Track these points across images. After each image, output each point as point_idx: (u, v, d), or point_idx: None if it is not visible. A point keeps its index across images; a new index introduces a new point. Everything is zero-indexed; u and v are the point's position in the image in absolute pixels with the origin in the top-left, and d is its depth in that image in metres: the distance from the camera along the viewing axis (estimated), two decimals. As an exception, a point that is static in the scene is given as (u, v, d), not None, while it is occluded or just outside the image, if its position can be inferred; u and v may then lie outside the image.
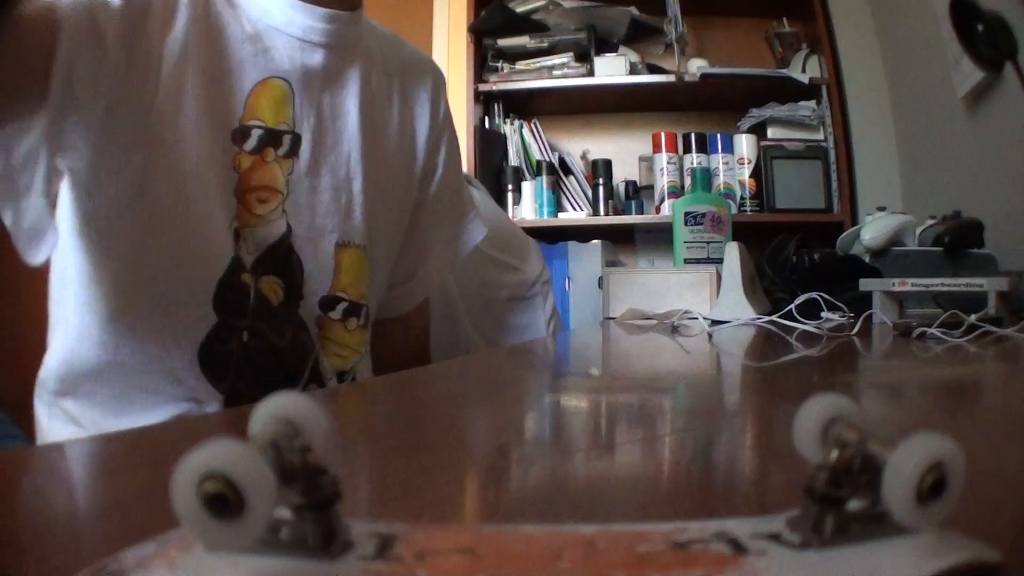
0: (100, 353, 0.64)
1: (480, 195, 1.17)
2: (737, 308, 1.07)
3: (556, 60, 2.41)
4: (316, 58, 0.70)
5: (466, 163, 2.40)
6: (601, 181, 2.41)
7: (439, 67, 0.88)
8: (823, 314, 0.86)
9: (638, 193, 2.47)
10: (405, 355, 0.88)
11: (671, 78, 2.32)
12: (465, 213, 0.88)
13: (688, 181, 2.35)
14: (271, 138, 0.67)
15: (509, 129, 2.47)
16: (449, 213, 0.86)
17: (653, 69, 2.41)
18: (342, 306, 0.72)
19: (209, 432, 0.30)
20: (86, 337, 0.64)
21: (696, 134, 2.37)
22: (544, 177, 2.40)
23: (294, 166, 0.68)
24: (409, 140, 0.81)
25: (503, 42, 2.43)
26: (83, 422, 0.66)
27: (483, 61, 2.46)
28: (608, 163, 2.43)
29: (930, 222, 1.35)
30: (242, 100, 0.65)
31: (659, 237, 2.38)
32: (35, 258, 0.57)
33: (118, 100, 0.59)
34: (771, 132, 2.38)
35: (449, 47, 2.56)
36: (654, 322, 1.06)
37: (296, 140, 0.69)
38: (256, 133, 0.66)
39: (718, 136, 2.38)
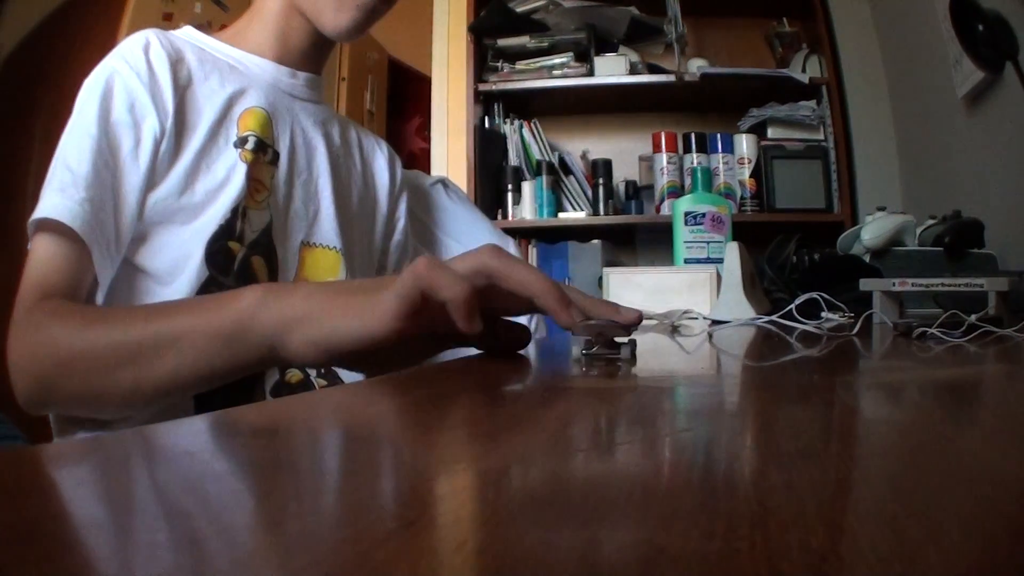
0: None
1: (453, 195, 1.19)
2: (737, 308, 1.06)
3: (556, 60, 2.41)
4: (284, 100, 0.88)
5: (466, 163, 2.40)
6: (601, 181, 2.41)
7: (391, 146, 1.07)
8: (823, 314, 0.86)
9: (638, 193, 2.47)
10: None
11: (671, 78, 2.32)
12: None
13: (688, 181, 2.35)
14: (262, 146, 0.84)
15: (509, 129, 2.47)
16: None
17: (653, 69, 2.41)
18: None
19: (206, 432, 0.30)
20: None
21: (696, 134, 2.37)
22: (544, 177, 2.39)
23: (275, 173, 0.86)
24: (372, 190, 1.00)
25: (503, 42, 2.43)
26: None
27: (483, 61, 2.46)
28: (608, 163, 2.43)
29: (930, 222, 1.35)
30: (235, 121, 0.83)
31: (659, 237, 2.38)
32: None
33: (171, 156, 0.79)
34: (771, 132, 2.38)
35: (449, 47, 2.56)
36: (654, 322, 1.06)
37: (276, 155, 0.86)
38: (252, 139, 0.83)
39: (718, 136, 2.38)
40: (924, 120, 2.09)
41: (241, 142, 0.82)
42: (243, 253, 0.80)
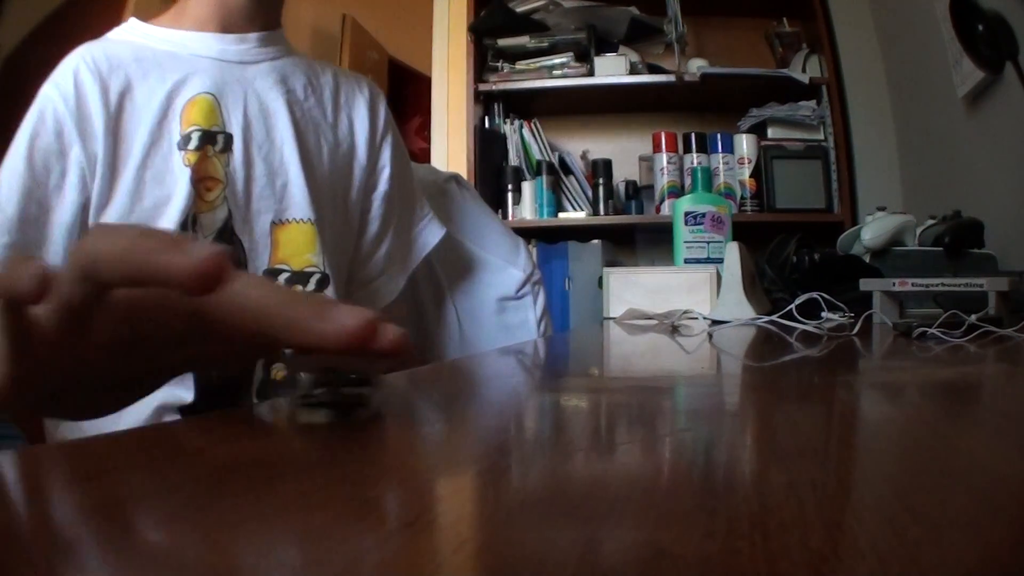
0: None
1: (466, 194, 1.17)
2: (737, 308, 1.07)
3: (556, 60, 2.40)
4: (234, 72, 0.85)
5: (466, 163, 2.40)
6: (601, 181, 2.41)
7: (375, 84, 1.01)
8: (823, 314, 0.86)
9: (638, 193, 2.47)
10: None
11: (671, 78, 2.32)
12: (416, 221, 1.00)
13: (688, 181, 2.35)
14: (207, 138, 0.81)
15: (509, 129, 2.47)
16: (399, 223, 0.98)
17: (653, 69, 2.41)
18: (284, 276, 0.85)
19: (200, 434, 0.30)
20: None
21: (696, 134, 2.37)
22: (544, 177, 2.39)
23: (230, 159, 0.83)
24: (348, 139, 0.94)
25: (503, 42, 2.43)
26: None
27: (483, 61, 2.46)
28: (608, 163, 2.43)
29: (930, 222, 1.35)
30: (178, 116, 0.81)
31: (659, 237, 2.38)
32: None
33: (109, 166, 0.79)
34: (771, 132, 2.38)
35: (449, 47, 2.56)
36: (654, 322, 1.06)
37: (228, 138, 0.83)
38: (195, 135, 0.81)
39: (718, 136, 2.38)
40: (924, 120, 2.09)
41: (184, 141, 0.80)
42: None
